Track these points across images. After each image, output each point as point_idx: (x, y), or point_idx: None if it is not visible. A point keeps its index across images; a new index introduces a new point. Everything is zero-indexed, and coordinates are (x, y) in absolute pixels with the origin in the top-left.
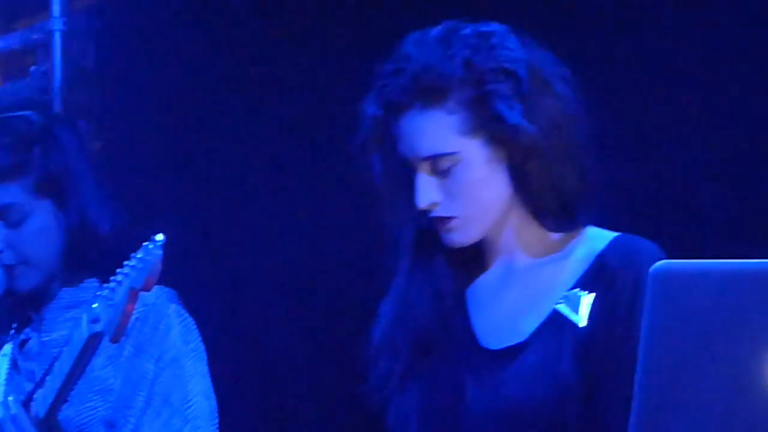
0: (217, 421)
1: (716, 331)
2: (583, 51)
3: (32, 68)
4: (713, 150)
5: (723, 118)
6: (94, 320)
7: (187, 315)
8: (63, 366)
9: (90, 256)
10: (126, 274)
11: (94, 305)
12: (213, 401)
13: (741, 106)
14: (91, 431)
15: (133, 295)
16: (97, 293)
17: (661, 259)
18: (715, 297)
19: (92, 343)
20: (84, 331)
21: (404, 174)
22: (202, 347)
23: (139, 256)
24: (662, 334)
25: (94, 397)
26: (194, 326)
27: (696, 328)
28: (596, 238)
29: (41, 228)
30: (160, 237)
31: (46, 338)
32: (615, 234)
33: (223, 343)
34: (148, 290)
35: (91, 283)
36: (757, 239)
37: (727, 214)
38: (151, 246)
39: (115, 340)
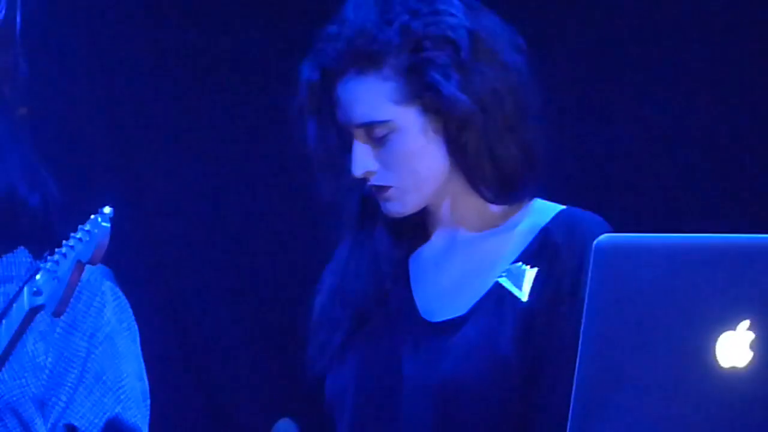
0: (149, 402)
1: (662, 307)
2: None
3: None
4: (663, 126)
5: (675, 93)
6: (36, 293)
7: (121, 294)
8: (1, 339)
9: (19, 228)
10: (71, 247)
11: (37, 276)
12: (145, 383)
13: (692, 83)
14: (21, 409)
15: (79, 267)
16: (41, 265)
17: (607, 232)
18: (661, 271)
19: (31, 317)
20: (25, 303)
21: (342, 141)
22: (135, 327)
23: (86, 228)
24: (606, 309)
25: (25, 374)
26: (128, 306)
27: (641, 303)
28: (541, 211)
29: None
30: (107, 209)
31: None
32: (560, 207)
33: (156, 324)
34: (94, 264)
35: (23, 257)
36: (703, 213)
37: (675, 187)
38: (99, 218)
39: (57, 314)
